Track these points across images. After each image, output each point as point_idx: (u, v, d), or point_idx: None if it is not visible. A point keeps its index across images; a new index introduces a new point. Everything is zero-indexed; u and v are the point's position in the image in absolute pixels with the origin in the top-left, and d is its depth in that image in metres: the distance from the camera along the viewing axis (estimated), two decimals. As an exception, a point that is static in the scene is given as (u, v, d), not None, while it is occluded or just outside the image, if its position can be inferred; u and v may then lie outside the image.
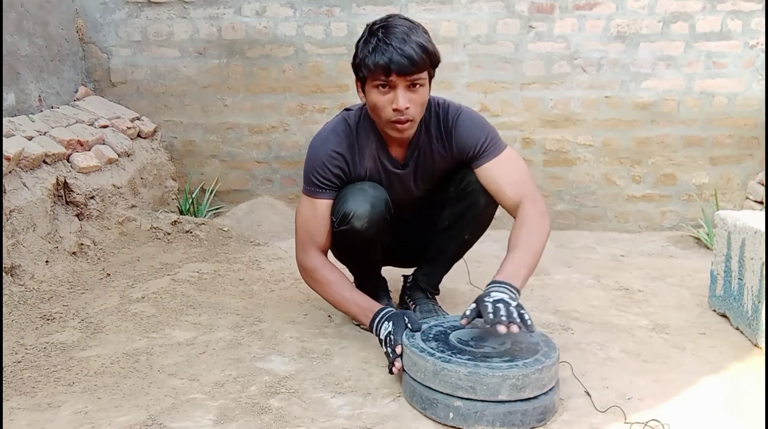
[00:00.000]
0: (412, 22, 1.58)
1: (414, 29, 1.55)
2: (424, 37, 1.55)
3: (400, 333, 1.50)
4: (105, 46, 3.18)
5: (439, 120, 1.72)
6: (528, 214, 1.64)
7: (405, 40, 1.51)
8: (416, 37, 1.53)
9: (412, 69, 1.52)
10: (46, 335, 1.80)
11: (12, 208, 2.05)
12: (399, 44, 1.51)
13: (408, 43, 1.51)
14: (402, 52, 1.51)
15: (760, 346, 1.72)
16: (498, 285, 1.49)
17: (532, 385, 1.31)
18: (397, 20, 1.57)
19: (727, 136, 3.09)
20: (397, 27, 1.54)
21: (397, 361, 1.47)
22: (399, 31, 1.53)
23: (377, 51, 1.52)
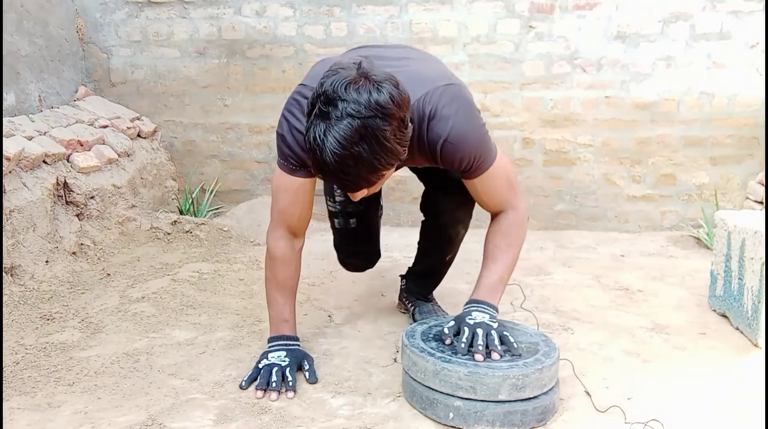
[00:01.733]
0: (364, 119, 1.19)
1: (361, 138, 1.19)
2: (374, 147, 1.20)
3: (293, 375, 1.50)
4: (105, 46, 3.18)
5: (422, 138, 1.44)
6: (508, 220, 1.56)
7: (345, 162, 1.20)
8: (362, 154, 1.20)
9: (358, 189, 1.29)
10: (46, 335, 1.80)
11: (12, 208, 2.05)
12: (337, 168, 1.21)
13: (349, 166, 1.21)
14: (342, 180, 1.26)
15: (760, 346, 1.72)
16: (478, 305, 1.49)
17: (532, 384, 1.31)
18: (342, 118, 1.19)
19: (727, 136, 3.09)
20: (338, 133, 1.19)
21: (273, 393, 1.45)
22: (339, 146, 1.19)
23: (315, 161, 1.24)
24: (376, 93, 1.20)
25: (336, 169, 1.22)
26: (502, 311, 1.98)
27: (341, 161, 1.20)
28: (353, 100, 1.19)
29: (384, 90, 1.21)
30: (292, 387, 1.47)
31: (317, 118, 1.22)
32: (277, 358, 1.54)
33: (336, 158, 1.20)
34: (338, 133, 1.19)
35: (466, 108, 1.46)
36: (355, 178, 1.25)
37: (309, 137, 1.23)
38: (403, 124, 1.26)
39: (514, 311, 2.02)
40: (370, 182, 1.28)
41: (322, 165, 1.22)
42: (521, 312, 2.02)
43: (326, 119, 1.20)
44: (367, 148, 1.20)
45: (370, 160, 1.22)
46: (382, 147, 1.22)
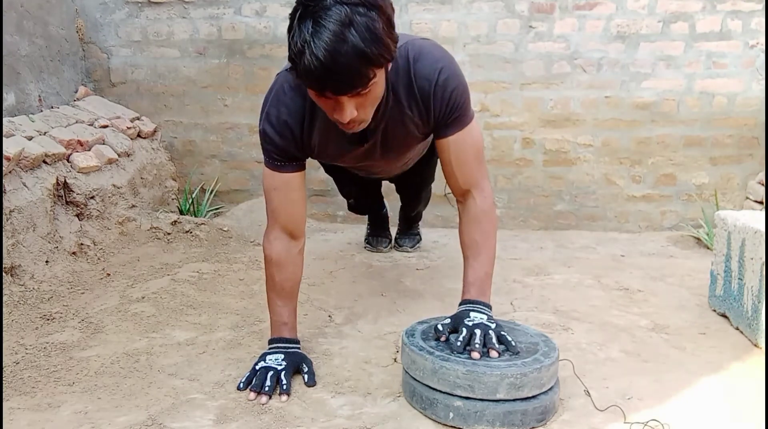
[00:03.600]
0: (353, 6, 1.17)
1: (351, 23, 1.16)
2: (364, 34, 1.16)
3: (289, 377, 1.50)
4: (105, 46, 3.18)
5: (411, 82, 1.43)
6: (477, 207, 1.56)
7: (337, 49, 1.15)
8: (354, 39, 1.15)
9: (351, 88, 1.23)
10: (46, 335, 1.80)
11: (12, 208, 2.05)
12: (329, 59, 1.15)
13: (341, 54, 1.15)
14: (334, 74, 1.18)
15: (760, 346, 1.72)
16: (473, 305, 1.49)
17: (530, 384, 1.31)
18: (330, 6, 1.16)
19: (727, 136, 3.09)
20: (327, 22, 1.15)
21: (263, 397, 1.44)
22: (329, 33, 1.15)
23: (304, 63, 1.18)
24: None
25: (327, 63, 1.15)
26: (503, 311, 1.98)
27: (333, 50, 1.14)
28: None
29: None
30: (286, 390, 1.46)
31: (303, 17, 1.18)
32: (273, 361, 1.53)
33: (327, 47, 1.14)
34: (328, 22, 1.14)
35: (448, 54, 1.49)
36: (348, 72, 1.18)
37: (295, 40, 1.18)
38: (390, 23, 1.23)
39: (514, 311, 2.02)
40: (362, 81, 1.21)
41: (313, 61, 1.15)
42: (521, 312, 2.02)
43: (313, 13, 1.17)
44: (359, 36, 1.15)
45: (362, 49, 1.16)
46: (372, 35, 1.17)
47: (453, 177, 1.58)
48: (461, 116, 1.51)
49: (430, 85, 1.44)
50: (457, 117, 1.50)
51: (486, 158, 3.15)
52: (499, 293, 2.11)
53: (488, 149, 3.18)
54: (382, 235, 2.69)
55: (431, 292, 2.19)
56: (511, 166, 3.19)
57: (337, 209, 3.27)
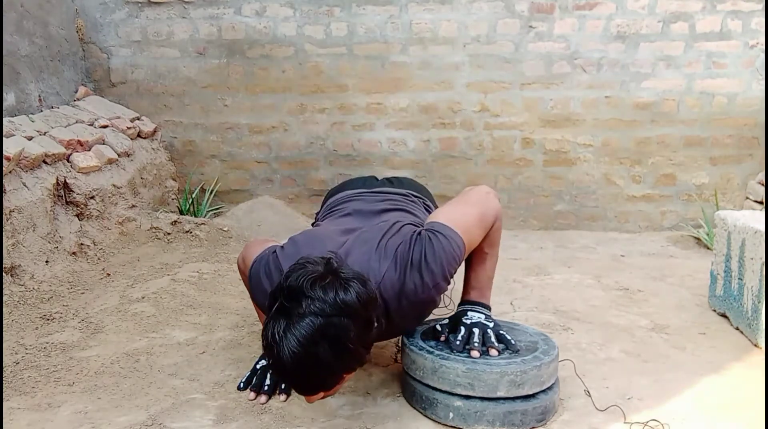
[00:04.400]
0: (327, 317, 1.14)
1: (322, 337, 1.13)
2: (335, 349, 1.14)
3: None
4: (105, 46, 3.18)
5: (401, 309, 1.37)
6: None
7: (303, 364, 1.14)
8: (322, 353, 1.13)
9: (314, 393, 1.23)
10: (46, 335, 1.80)
11: (12, 208, 2.04)
12: (294, 370, 1.15)
13: (305, 368, 1.15)
14: (299, 382, 1.20)
15: (760, 346, 1.72)
16: (472, 305, 1.50)
17: (530, 381, 1.31)
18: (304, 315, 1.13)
19: (727, 136, 3.09)
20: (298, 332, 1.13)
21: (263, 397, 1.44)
22: (298, 345, 1.12)
23: (273, 359, 1.17)
24: (342, 292, 1.15)
25: (293, 370, 1.14)
26: (503, 311, 1.98)
27: (299, 361, 1.13)
28: (318, 298, 1.14)
29: (351, 290, 1.16)
30: (286, 390, 1.46)
31: (278, 313, 1.16)
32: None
33: (294, 358, 1.13)
34: (299, 331, 1.12)
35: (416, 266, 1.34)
36: (313, 382, 1.19)
37: (267, 333, 1.16)
38: (369, 324, 1.21)
39: (514, 311, 2.02)
40: (328, 387, 1.22)
41: (279, 364, 1.15)
42: (521, 312, 2.02)
43: (288, 316, 1.15)
44: (328, 350, 1.14)
45: (330, 363, 1.15)
46: (343, 349, 1.16)
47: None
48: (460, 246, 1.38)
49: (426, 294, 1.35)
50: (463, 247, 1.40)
51: (486, 158, 3.17)
52: (499, 293, 2.11)
53: (488, 149, 3.18)
54: None
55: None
56: (511, 166, 3.19)
57: (337, 209, 3.27)
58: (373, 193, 1.77)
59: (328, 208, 1.79)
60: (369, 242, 1.40)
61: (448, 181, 3.19)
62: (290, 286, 1.17)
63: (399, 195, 1.76)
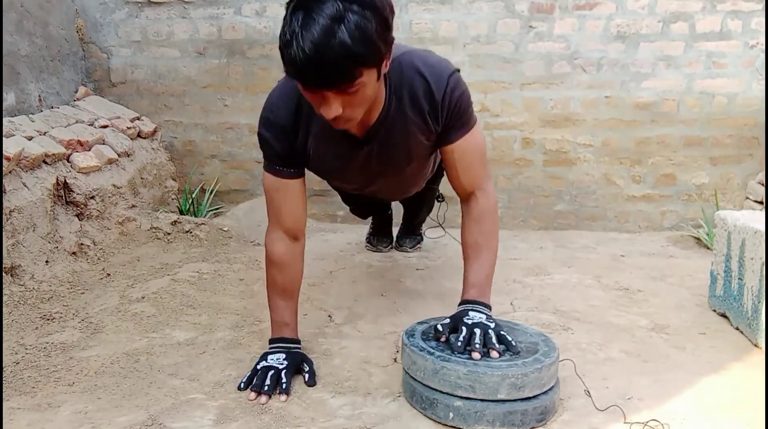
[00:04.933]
0: (347, 2, 1.13)
1: (342, 19, 1.11)
2: (353, 32, 1.12)
3: (289, 376, 1.49)
4: (105, 46, 3.18)
5: (416, 90, 1.42)
6: (479, 207, 1.58)
7: (323, 43, 1.10)
8: (342, 35, 1.11)
9: (334, 84, 1.18)
10: (46, 335, 1.80)
11: (12, 208, 2.05)
12: (314, 52, 1.11)
13: (327, 48, 1.11)
14: (318, 68, 1.14)
15: (760, 346, 1.72)
16: (472, 305, 1.50)
17: (531, 384, 1.31)
18: (325, 0, 1.12)
19: (727, 136, 3.09)
20: (318, 16, 1.11)
21: (263, 397, 1.44)
22: (318, 26, 1.10)
23: (290, 54, 1.14)
24: None
25: (312, 55, 1.10)
26: (503, 311, 1.98)
27: (319, 43, 1.10)
28: None
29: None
30: (285, 390, 1.46)
31: (296, 8, 1.13)
32: (275, 360, 1.53)
33: (314, 40, 1.10)
34: (319, 14, 1.10)
35: (452, 64, 1.50)
36: (332, 67, 1.13)
37: (285, 29, 1.13)
38: (386, 26, 1.19)
39: (514, 311, 2.02)
40: (348, 77, 1.16)
41: (298, 53, 1.11)
42: (521, 312, 2.02)
43: (306, 6, 1.12)
44: (348, 33, 1.11)
45: (349, 46, 1.11)
46: (363, 33, 1.12)
47: (457, 180, 1.60)
48: (466, 121, 1.53)
49: (439, 92, 1.44)
50: (463, 122, 1.52)
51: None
52: (499, 293, 2.11)
53: (488, 149, 3.16)
54: (384, 235, 2.69)
55: (431, 292, 2.19)
56: (511, 166, 3.19)
57: (337, 209, 3.27)
58: None
59: None
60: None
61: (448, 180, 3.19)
62: None
63: None
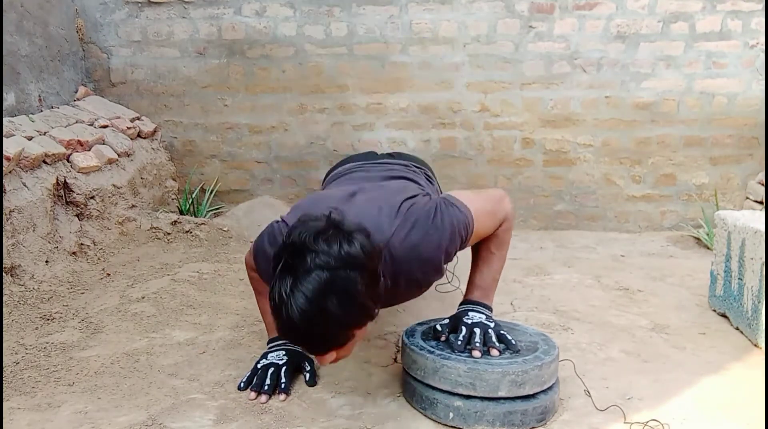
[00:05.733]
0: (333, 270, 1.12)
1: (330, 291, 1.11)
2: (343, 302, 1.12)
3: (289, 374, 1.49)
4: (105, 46, 3.18)
5: (411, 272, 1.37)
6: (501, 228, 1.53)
7: (312, 319, 1.12)
8: (331, 307, 1.11)
9: (327, 350, 1.21)
10: (46, 335, 1.80)
11: (12, 208, 2.04)
12: (305, 327, 1.13)
13: (316, 324, 1.13)
14: (310, 340, 1.18)
15: (760, 346, 1.72)
16: (473, 305, 1.50)
17: (531, 381, 1.31)
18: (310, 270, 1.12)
19: (727, 136, 3.09)
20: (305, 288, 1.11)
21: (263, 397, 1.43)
22: (305, 300, 1.11)
23: (282, 319, 1.15)
24: (346, 244, 1.13)
25: (303, 328, 1.12)
26: (503, 311, 1.98)
27: (309, 318, 1.11)
28: (323, 252, 1.12)
29: (355, 241, 1.14)
30: (285, 389, 1.46)
31: (283, 271, 1.14)
32: (275, 357, 1.54)
33: (303, 315, 1.10)
34: (306, 287, 1.10)
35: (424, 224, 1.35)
36: (325, 338, 1.17)
37: (274, 294, 1.14)
38: (375, 276, 1.20)
39: (514, 311, 2.02)
40: (340, 342, 1.20)
41: (288, 323, 1.13)
42: (521, 312, 2.02)
43: (293, 273, 1.13)
44: (337, 303, 1.11)
45: (340, 316, 1.13)
46: (352, 301, 1.13)
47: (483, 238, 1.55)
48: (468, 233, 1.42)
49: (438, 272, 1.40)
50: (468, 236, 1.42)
51: (486, 158, 3.17)
52: (499, 293, 2.10)
53: (488, 149, 3.18)
54: None
55: (431, 292, 2.19)
56: (511, 166, 3.19)
57: (337, 209, 3.27)
58: (375, 164, 1.76)
59: (330, 180, 1.78)
60: (377, 200, 1.40)
61: (448, 181, 3.19)
62: (293, 242, 1.15)
63: (401, 165, 1.75)
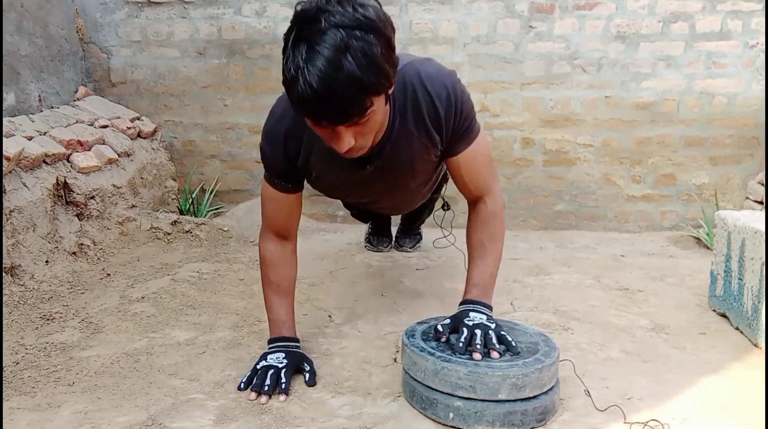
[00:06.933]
0: (349, 29, 1.09)
1: (347, 48, 1.08)
2: (361, 61, 1.09)
3: (289, 375, 1.50)
4: (105, 46, 3.18)
5: (419, 104, 1.39)
6: (487, 210, 1.58)
7: (332, 78, 1.08)
8: (350, 67, 1.08)
9: (348, 118, 1.17)
10: (46, 335, 1.80)
11: (12, 208, 2.05)
12: (324, 88, 1.09)
13: (336, 83, 1.08)
14: (329, 104, 1.12)
15: (760, 346, 1.72)
16: (473, 305, 1.50)
17: (532, 384, 1.31)
18: (326, 30, 1.09)
19: (727, 136, 3.09)
20: (322, 48, 1.08)
21: (263, 397, 1.44)
22: (324, 59, 1.07)
23: (297, 92, 1.11)
24: (361, 8, 1.11)
25: (321, 92, 1.08)
26: (503, 311, 1.98)
27: (327, 78, 1.07)
28: (337, 11, 1.09)
29: (369, 6, 1.12)
30: (285, 390, 1.46)
31: (297, 41, 1.10)
32: (275, 359, 1.53)
33: (321, 75, 1.07)
34: (322, 47, 1.07)
35: (453, 71, 1.46)
36: (344, 102, 1.11)
37: (288, 65, 1.10)
38: (390, 46, 1.16)
39: (514, 311, 2.02)
40: (360, 110, 1.15)
41: (306, 90, 1.08)
42: (521, 312, 2.02)
43: (308, 38, 1.09)
44: (355, 62, 1.08)
45: (359, 77, 1.09)
46: (370, 61, 1.10)
47: (465, 187, 1.60)
48: (469, 132, 1.51)
49: (441, 105, 1.41)
50: (466, 133, 1.51)
51: (486, 158, 3.17)
52: (499, 293, 2.10)
53: (488, 149, 3.18)
54: (383, 235, 2.69)
55: (431, 292, 2.19)
56: (511, 166, 3.19)
57: (337, 209, 3.27)
58: None
59: None
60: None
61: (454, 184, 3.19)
62: (303, 9, 1.12)
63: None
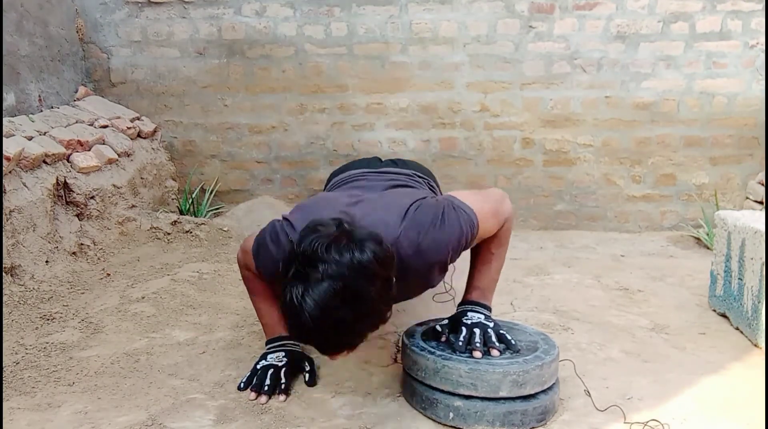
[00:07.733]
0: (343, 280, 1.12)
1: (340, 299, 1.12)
2: (355, 309, 1.13)
3: (289, 375, 1.49)
4: (105, 46, 3.18)
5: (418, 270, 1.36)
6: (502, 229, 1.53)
7: (325, 325, 1.13)
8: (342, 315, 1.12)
9: (339, 353, 1.22)
10: (46, 335, 1.80)
11: (12, 208, 2.04)
12: (317, 334, 1.15)
13: (329, 329, 1.14)
14: (322, 345, 1.19)
15: (760, 346, 1.72)
16: (472, 305, 1.50)
17: (532, 381, 1.31)
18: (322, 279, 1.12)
19: (727, 136, 3.09)
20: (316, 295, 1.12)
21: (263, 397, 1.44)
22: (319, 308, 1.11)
23: (294, 327, 1.17)
24: (358, 253, 1.13)
25: (316, 334, 1.14)
26: (503, 311, 1.98)
27: (322, 326, 1.12)
28: (335, 261, 1.12)
29: (367, 249, 1.14)
30: (284, 390, 1.46)
31: (295, 279, 1.15)
32: (275, 358, 1.54)
33: (316, 323, 1.11)
34: (318, 296, 1.11)
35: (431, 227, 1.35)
36: (337, 343, 1.18)
37: (286, 299, 1.15)
38: (388, 283, 1.20)
39: (514, 311, 2.02)
40: (354, 344, 1.21)
41: (301, 329, 1.14)
42: (521, 312, 2.02)
43: (305, 281, 1.13)
44: (350, 312, 1.13)
45: (353, 325, 1.15)
46: (365, 310, 1.14)
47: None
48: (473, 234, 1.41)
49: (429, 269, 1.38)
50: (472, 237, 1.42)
51: (486, 158, 3.17)
52: (499, 293, 2.10)
53: (488, 149, 3.18)
54: None
55: (431, 292, 2.19)
56: (511, 166, 3.19)
57: (337, 209, 3.27)
58: (378, 173, 1.75)
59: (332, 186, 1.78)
60: (381, 201, 1.40)
61: (448, 181, 3.19)
62: (304, 251, 1.15)
63: (404, 175, 1.75)
